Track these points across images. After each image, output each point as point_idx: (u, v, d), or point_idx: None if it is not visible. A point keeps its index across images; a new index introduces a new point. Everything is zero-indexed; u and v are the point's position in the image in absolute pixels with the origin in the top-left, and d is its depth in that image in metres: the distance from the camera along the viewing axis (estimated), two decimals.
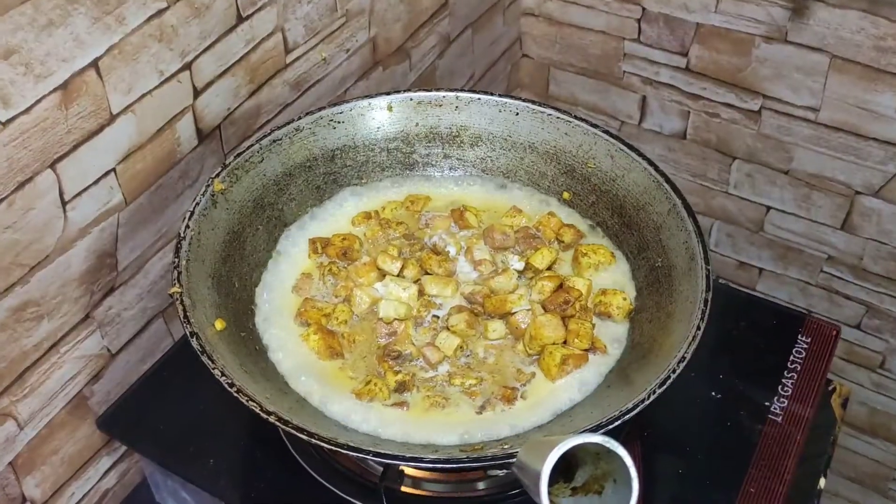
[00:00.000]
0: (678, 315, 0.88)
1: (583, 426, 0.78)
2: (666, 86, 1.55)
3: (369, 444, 0.79)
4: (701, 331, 0.83)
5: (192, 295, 0.85)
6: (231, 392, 0.78)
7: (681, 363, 0.81)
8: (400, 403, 0.87)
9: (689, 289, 0.89)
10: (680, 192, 0.97)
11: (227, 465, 0.96)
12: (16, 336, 0.89)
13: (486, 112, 1.09)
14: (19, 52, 0.78)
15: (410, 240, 1.02)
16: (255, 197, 0.99)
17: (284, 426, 0.76)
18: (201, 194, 0.93)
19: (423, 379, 0.89)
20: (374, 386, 0.87)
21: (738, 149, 1.55)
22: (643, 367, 0.86)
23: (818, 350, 1.05)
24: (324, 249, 1.00)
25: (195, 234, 0.90)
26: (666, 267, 0.94)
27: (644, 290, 0.97)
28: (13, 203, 0.83)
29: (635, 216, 1.00)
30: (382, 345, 0.92)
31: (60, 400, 0.97)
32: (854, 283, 1.59)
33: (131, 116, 0.92)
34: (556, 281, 0.95)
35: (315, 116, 1.04)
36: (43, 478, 0.98)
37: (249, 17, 1.03)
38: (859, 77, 1.36)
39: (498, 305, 0.94)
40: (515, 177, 1.10)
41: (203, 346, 0.81)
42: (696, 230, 0.93)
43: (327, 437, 0.76)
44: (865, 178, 1.46)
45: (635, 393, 0.80)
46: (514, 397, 0.88)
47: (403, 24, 1.31)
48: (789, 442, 0.97)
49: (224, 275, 0.92)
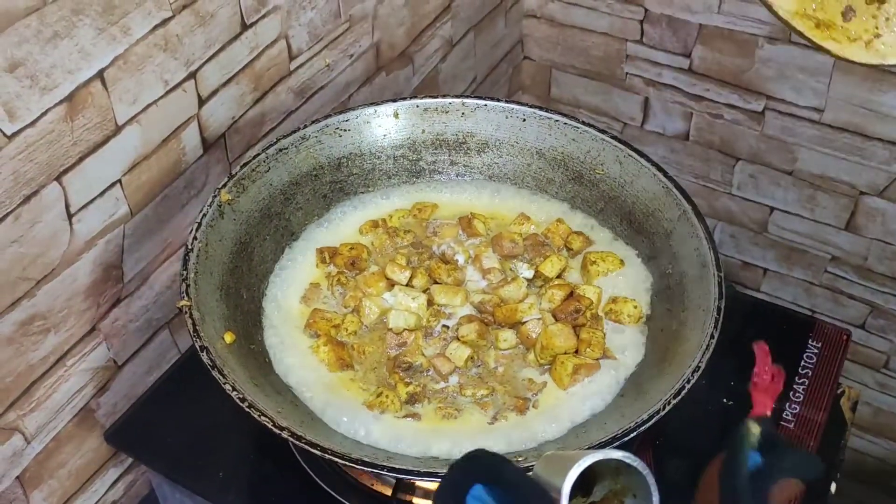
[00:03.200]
0: (691, 323, 0.88)
1: (598, 437, 0.78)
2: (669, 87, 1.55)
3: (383, 458, 0.78)
4: (715, 339, 0.83)
5: (200, 308, 0.84)
6: (242, 407, 0.77)
7: (695, 373, 0.81)
8: (412, 415, 0.86)
9: (701, 296, 0.89)
10: (690, 198, 0.96)
11: (235, 478, 0.96)
12: (22, 350, 0.88)
13: (492, 118, 1.08)
14: (25, 64, 0.77)
15: (419, 248, 1.02)
16: (261, 207, 0.98)
17: (297, 441, 0.75)
18: (208, 205, 0.92)
19: (435, 390, 0.89)
20: (385, 398, 0.86)
21: (742, 150, 1.54)
22: (657, 377, 0.85)
23: (829, 355, 1.05)
24: (331, 259, 1.00)
25: (202, 246, 0.89)
26: (677, 274, 0.94)
27: (655, 298, 0.96)
28: (19, 217, 0.82)
29: (645, 223, 1.00)
30: (393, 356, 0.91)
31: (67, 413, 0.96)
32: (859, 284, 1.58)
33: (137, 127, 0.92)
34: (567, 289, 0.95)
35: (321, 125, 1.03)
36: (50, 491, 0.97)
37: (253, 25, 1.02)
38: (863, 77, 1.36)
39: (508, 315, 0.93)
40: (523, 183, 1.09)
41: (213, 361, 0.80)
42: (707, 237, 0.92)
43: (341, 452, 0.75)
44: (870, 179, 1.45)
45: (650, 404, 0.79)
46: (526, 407, 0.87)
47: (406, 28, 1.30)
48: (802, 448, 0.97)
49: (232, 286, 0.92)
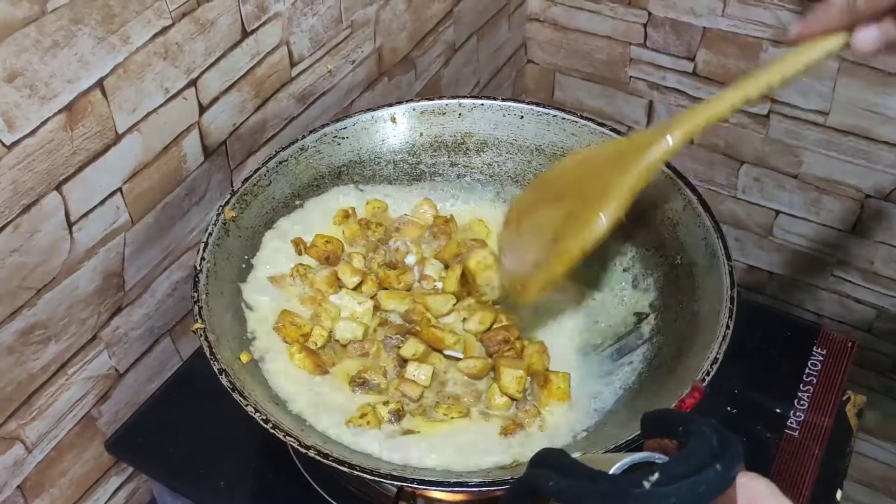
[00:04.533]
0: (704, 314, 0.87)
1: (623, 435, 0.76)
2: (673, 90, 1.54)
3: (409, 472, 0.77)
4: (731, 329, 0.82)
5: (215, 329, 0.84)
6: (266, 428, 0.76)
7: (714, 364, 0.79)
8: (409, 431, 0.85)
9: (713, 286, 0.88)
10: (694, 187, 0.95)
11: (237, 486, 0.95)
12: (23, 359, 0.88)
13: (490, 117, 1.07)
14: (24, 74, 0.77)
15: (384, 245, 1.01)
16: (265, 221, 0.98)
17: (325, 459, 0.74)
18: (213, 224, 0.92)
19: (415, 407, 0.88)
20: (369, 416, 0.85)
21: (747, 153, 1.54)
22: (674, 371, 0.84)
23: (834, 362, 1.04)
24: (306, 251, 0.99)
25: (211, 266, 0.89)
26: (686, 264, 0.93)
27: (666, 289, 0.95)
28: (19, 226, 0.82)
29: (650, 213, 0.98)
30: (355, 372, 0.90)
31: (68, 422, 0.96)
32: (864, 287, 1.58)
33: (137, 136, 0.91)
34: (492, 314, 0.95)
35: (319, 134, 1.02)
36: (52, 500, 0.97)
37: (254, 32, 1.01)
38: (869, 80, 1.35)
39: (434, 340, 0.92)
40: (524, 181, 1.08)
41: (233, 384, 0.78)
42: (714, 226, 0.91)
43: (370, 468, 0.74)
44: (876, 182, 1.45)
45: (672, 398, 0.78)
46: (520, 426, 0.86)
47: (409, 33, 1.29)
48: (807, 455, 0.96)
49: (243, 303, 0.92)
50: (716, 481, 0.47)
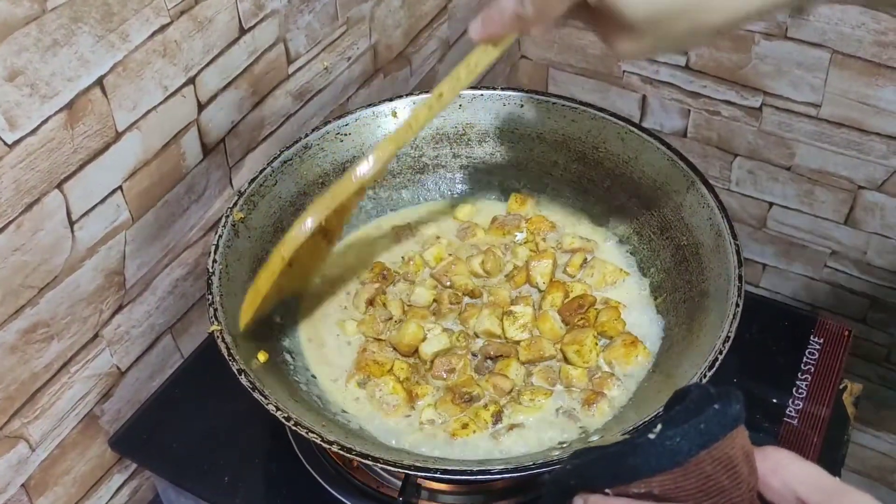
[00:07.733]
0: (713, 294, 0.88)
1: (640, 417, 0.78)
2: (666, 84, 1.55)
3: (439, 462, 0.78)
4: (740, 308, 0.83)
5: (231, 330, 0.84)
6: (288, 425, 0.77)
7: (726, 343, 0.80)
8: (510, 427, 0.87)
9: (719, 266, 0.89)
10: (697, 168, 0.96)
11: (241, 481, 0.96)
12: (26, 358, 0.88)
13: (490, 107, 1.08)
14: (24, 73, 0.77)
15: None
16: (273, 221, 0.98)
17: (347, 454, 0.75)
18: (222, 226, 0.92)
19: (508, 400, 0.89)
20: (472, 424, 0.86)
21: (740, 146, 1.54)
22: (686, 351, 0.85)
23: (831, 351, 1.05)
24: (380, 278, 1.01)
25: (223, 268, 0.89)
26: (692, 245, 0.94)
27: (673, 271, 0.96)
28: (21, 225, 0.82)
29: (654, 196, 0.99)
30: (448, 385, 0.90)
31: (71, 420, 0.96)
32: (858, 278, 1.59)
33: (137, 133, 0.92)
34: (563, 289, 0.96)
35: (321, 132, 1.03)
36: (55, 498, 0.97)
37: (251, 29, 1.02)
38: (860, 72, 1.36)
39: (536, 354, 0.92)
40: (527, 169, 1.09)
41: (253, 384, 0.79)
42: (718, 206, 0.92)
43: (409, 463, 0.75)
44: (868, 173, 1.46)
45: (684, 378, 0.79)
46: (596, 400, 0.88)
47: (404, 29, 1.30)
48: (806, 444, 0.97)
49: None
50: (715, 418, 0.49)
